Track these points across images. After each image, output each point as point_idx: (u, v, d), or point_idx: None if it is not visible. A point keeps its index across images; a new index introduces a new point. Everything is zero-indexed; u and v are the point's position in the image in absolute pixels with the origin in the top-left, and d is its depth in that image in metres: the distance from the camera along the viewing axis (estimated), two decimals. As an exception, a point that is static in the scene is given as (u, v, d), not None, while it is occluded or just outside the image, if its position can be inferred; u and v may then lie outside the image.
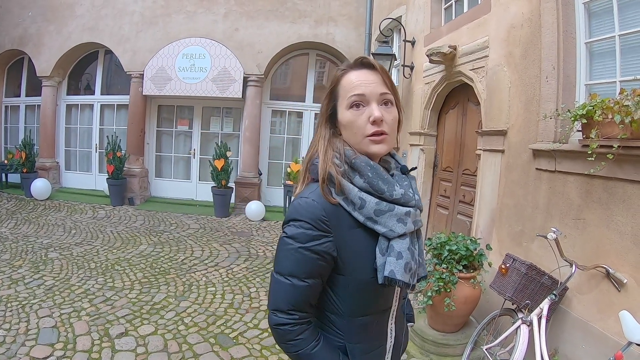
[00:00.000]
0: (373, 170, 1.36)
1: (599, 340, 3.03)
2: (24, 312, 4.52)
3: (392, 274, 1.31)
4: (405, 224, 1.36)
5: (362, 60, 1.41)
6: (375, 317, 1.45)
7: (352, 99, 1.36)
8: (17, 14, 11.34)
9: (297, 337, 1.35)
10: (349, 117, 1.37)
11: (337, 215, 1.34)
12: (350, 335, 1.43)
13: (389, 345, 1.53)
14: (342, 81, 1.40)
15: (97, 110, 11.58)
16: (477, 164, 5.09)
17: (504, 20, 4.55)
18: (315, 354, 1.36)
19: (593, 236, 3.22)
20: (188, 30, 10.51)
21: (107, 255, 6.61)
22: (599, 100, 2.96)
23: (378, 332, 1.49)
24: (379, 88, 1.37)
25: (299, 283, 1.33)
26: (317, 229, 1.32)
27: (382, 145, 1.37)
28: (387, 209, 1.35)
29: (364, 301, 1.40)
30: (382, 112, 1.35)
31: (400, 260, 1.32)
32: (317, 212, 1.33)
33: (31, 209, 9.72)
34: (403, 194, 1.38)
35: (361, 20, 10.12)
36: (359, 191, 1.34)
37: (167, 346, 4.03)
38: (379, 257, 1.34)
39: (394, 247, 1.34)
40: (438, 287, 3.86)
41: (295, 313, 1.35)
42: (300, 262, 1.33)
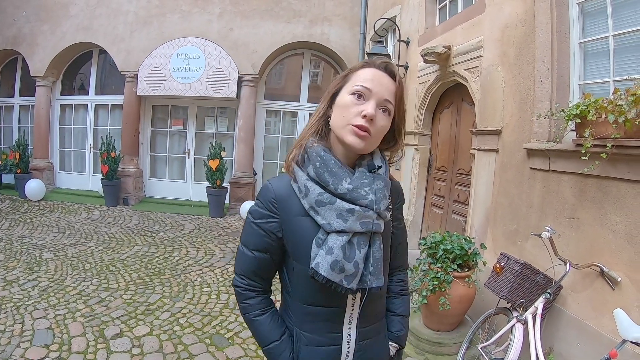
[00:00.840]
0: (322, 161, 1.39)
1: (593, 338, 3.04)
2: (18, 314, 4.50)
3: (317, 266, 1.33)
4: (345, 220, 1.35)
5: (387, 65, 1.44)
6: (324, 312, 1.46)
7: (358, 88, 1.38)
8: (11, 14, 11.28)
9: (244, 301, 1.52)
10: (347, 101, 1.39)
11: (288, 200, 1.43)
12: (298, 320, 1.50)
13: (345, 350, 1.50)
14: (359, 71, 1.43)
15: (91, 111, 11.54)
16: (471, 164, 5.10)
17: (498, 20, 4.56)
18: (257, 322, 1.50)
19: (587, 235, 3.24)
20: (183, 30, 10.50)
21: (101, 256, 6.60)
22: (592, 100, 2.97)
23: (329, 330, 1.48)
24: (386, 94, 1.40)
25: (247, 253, 1.49)
26: (266, 209, 1.45)
27: (360, 140, 1.37)
28: (327, 201, 1.36)
29: (306, 289, 1.45)
30: (377, 114, 1.37)
31: (329, 256, 1.32)
32: (269, 195, 1.45)
33: (25, 209, 9.68)
34: (350, 190, 1.37)
35: (356, 20, 10.13)
36: (307, 179, 1.40)
37: (163, 347, 4.03)
38: (314, 248, 1.37)
39: (328, 241, 1.35)
40: (433, 286, 3.87)
41: (245, 279, 1.52)
42: (250, 235, 1.48)
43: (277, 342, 1.48)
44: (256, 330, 1.51)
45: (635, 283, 2.83)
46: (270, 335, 1.49)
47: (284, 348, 1.48)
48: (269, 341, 1.49)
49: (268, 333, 1.49)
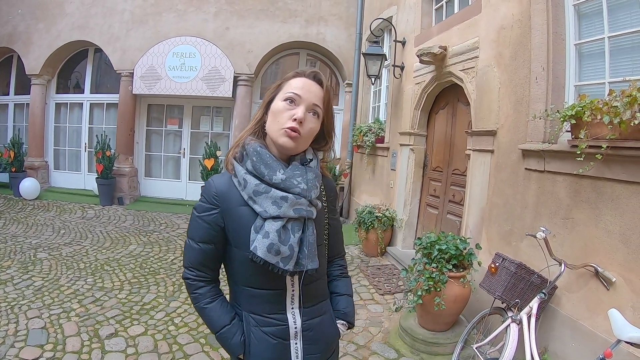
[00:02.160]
0: (258, 155, 1.54)
1: (588, 338, 3.06)
2: (12, 313, 4.48)
3: (255, 249, 1.47)
4: (279, 207, 1.49)
5: (316, 74, 1.62)
6: (266, 294, 1.61)
7: (290, 95, 1.55)
8: (6, 12, 11.25)
9: (195, 291, 1.64)
10: (280, 107, 1.56)
11: (229, 193, 1.57)
12: (245, 303, 1.64)
13: (292, 330, 1.63)
14: (291, 80, 1.60)
15: (87, 109, 11.51)
16: (466, 164, 5.12)
17: (494, 21, 4.57)
18: (208, 309, 1.63)
19: (582, 235, 3.25)
20: (178, 29, 10.48)
21: (96, 256, 6.58)
22: (588, 101, 2.99)
23: (274, 311, 1.61)
24: (315, 99, 1.57)
25: (194, 245, 1.61)
26: (209, 203, 1.59)
27: (291, 141, 1.53)
28: (264, 190, 1.51)
29: (247, 273, 1.59)
30: (306, 117, 1.55)
31: (266, 239, 1.47)
32: (210, 189, 1.59)
33: (20, 208, 9.65)
34: (284, 179, 1.52)
35: (352, 20, 10.14)
36: (245, 173, 1.55)
37: (158, 347, 4.02)
38: (252, 233, 1.51)
39: (265, 226, 1.49)
40: (428, 286, 3.87)
41: (193, 270, 1.64)
42: (195, 228, 1.61)
43: (228, 326, 1.61)
44: (208, 317, 1.63)
45: (629, 283, 2.84)
46: (221, 320, 1.61)
47: (235, 331, 1.61)
48: (220, 326, 1.61)
49: (219, 318, 1.61)
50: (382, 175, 8.00)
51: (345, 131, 10.35)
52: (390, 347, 4.18)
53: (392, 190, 7.36)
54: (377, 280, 5.84)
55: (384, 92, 8.57)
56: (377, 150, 8.20)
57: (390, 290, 5.50)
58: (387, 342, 4.27)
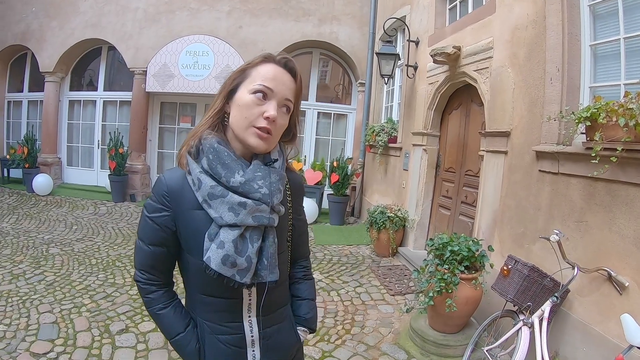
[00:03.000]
0: (215, 153, 1.38)
1: (599, 343, 3.03)
2: (24, 308, 4.53)
3: (208, 260, 1.34)
4: (237, 214, 1.34)
5: (288, 61, 1.45)
6: (221, 303, 1.48)
7: (259, 87, 1.37)
8: (20, 10, 11.36)
9: (147, 295, 1.51)
10: (248, 101, 1.38)
11: (181, 193, 1.41)
12: (199, 310, 1.51)
13: (249, 339, 1.52)
14: (259, 67, 1.41)
15: (100, 107, 11.60)
16: (479, 165, 5.08)
17: (508, 21, 4.53)
18: (161, 315, 1.50)
19: (595, 239, 3.21)
20: (191, 28, 10.52)
21: (108, 252, 6.63)
22: (603, 103, 2.95)
23: (229, 320, 1.50)
24: (287, 93, 1.42)
25: (144, 247, 1.46)
26: (159, 203, 1.43)
27: (263, 142, 1.39)
28: (220, 194, 1.35)
29: (200, 281, 1.45)
30: (278, 114, 1.39)
31: (221, 250, 1.33)
32: (161, 188, 1.43)
33: (33, 204, 9.74)
34: (243, 182, 1.37)
35: (365, 19, 10.11)
36: (200, 172, 1.38)
37: (168, 343, 4.01)
38: (206, 241, 1.36)
39: (220, 235, 1.34)
40: (439, 287, 3.85)
41: (144, 273, 1.49)
42: (145, 229, 1.46)
43: (182, 334, 1.49)
44: (161, 323, 1.51)
45: (643, 288, 2.81)
46: (174, 327, 1.49)
47: (190, 339, 1.49)
48: (174, 333, 1.49)
49: (172, 325, 1.50)
50: (394, 175, 7.97)
51: (358, 131, 10.34)
52: (401, 348, 4.16)
53: (404, 190, 7.34)
54: (388, 281, 5.82)
55: (397, 92, 8.54)
56: (389, 150, 8.17)
57: (401, 291, 5.48)
58: (397, 343, 4.25)
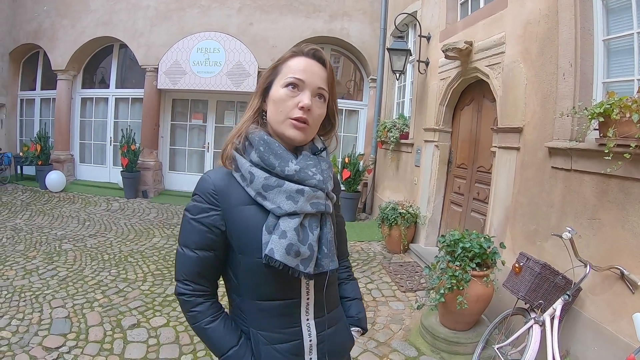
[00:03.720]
0: (266, 144, 1.36)
1: (611, 342, 2.99)
2: (37, 303, 4.58)
3: (271, 252, 1.28)
4: (295, 202, 1.31)
5: (316, 52, 1.43)
6: (280, 306, 1.40)
7: (291, 80, 1.36)
8: (32, 9, 11.50)
9: (192, 309, 1.39)
10: (282, 94, 1.37)
11: (229, 191, 1.36)
12: (252, 319, 1.41)
13: (307, 344, 1.43)
14: (289, 61, 1.41)
15: (112, 104, 11.69)
16: (491, 161, 5.05)
17: (520, 16, 4.49)
18: (210, 329, 1.38)
19: (608, 237, 3.17)
20: (202, 25, 10.55)
21: (120, 247, 6.68)
22: (616, 99, 2.91)
23: (288, 325, 1.41)
24: (319, 81, 1.39)
25: (190, 253, 1.37)
26: (206, 202, 1.36)
27: (300, 132, 1.36)
28: (275, 184, 1.33)
29: (258, 283, 1.38)
30: (313, 103, 1.37)
31: (283, 239, 1.28)
32: (207, 186, 1.37)
33: (46, 200, 9.84)
34: (298, 170, 1.34)
35: (376, 15, 10.07)
36: (250, 166, 1.35)
37: (179, 338, 4.06)
38: (264, 234, 1.31)
39: (280, 225, 1.30)
40: (451, 284, 3.83)
41: (190, 284, 1.39)
42: (191, 233, 1.38)
43: (236, 348, 1.38)
44: (210, 339, 1.40)
45: (657, 286, 2.78)
46: (226, 341, 1.38)
47: (244, 352, 1.39)
48: (226, 348, 1.38)
49: (224, 339, 1.39)
50: (405, 171, 7.95)
51: (370, 127, 10.32)
52: (411, 345, 4.15)
53: (415, 186, 7.31)
54: (399, 277, 5.81)
55: (409, 87, 8.51)
56: (401, 146, 8.14)
57: (412, 288, 5.46)
58: (408, 339, 4.24)
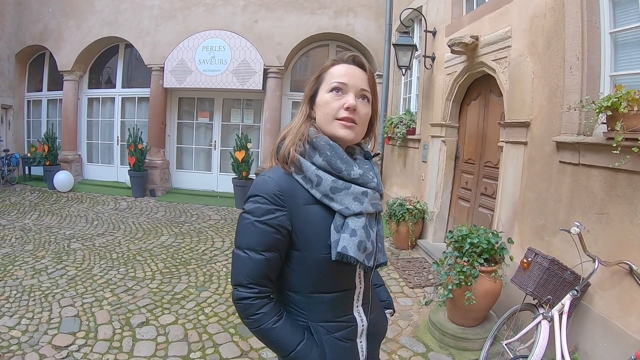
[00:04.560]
0: (332, 149, 1.41)
1: (620, 338, 2.98)
2: (46, 302, 4.61)
3: (345, 250, 1.35)
4: (361, 203, 1.41)
5: (355, 57, 1.50)
6: (336, 297, 1.48)
7: (335, 84, 1.44)
8: (37, 10, 11.57)
9: (258, 312, 1.39)
10: (327, 98, 1.45)
11: (293, 192, 1.40)
12: (311, 313, 1.47)
13: (360, 328, 1.55)
14: (331, 69, 1.49)
15: (118, 103, 11.75)
16: (499, 156, 5.02)
17: (526, 9, 4.46)
18: (277, 328, 1.40)
19: (616, 231, 3.15)
20: (207, 23, 10.56)
21: (128, 246, 6.71)
22: (624, 92, 2.88)
23: (343, 313, 1.50)
24: (361, 84, 1.47)
25: (256, 256, 1.37)
26: (272, 203, 1.37)
27: (350, 131, 1.44)
28: (343, 187, 1.40)
29: (320, 278, 1.44)
30: (358, 104, 1.44)
31: (354, 237, 1.36)
32: (271, 187, 1.38)
33: (54, 200, 9.91)
34: (361, 174, 1.44)
35: (381, 10, 10.01)
36: (316, 169, 1.40)
37: (188, 336, 4.08)
38: (333, 233, 1.38)
39: (349, 224, 1.38)
40: (459, 280, 3.82)
41: (255, 287, 1.39)
42: (256, 235, 1.38)
43: (304, 342, 1.42)
44: (278, 338, 1.41)
45: (666, 281, 2.76)
46: (294, 337, 1.41)
47: (312, 344, 1.43)
48: (295, 344, 1.41)
49: (292, 336, 1.41)
50: (413, 167, 7.93)
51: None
52: (419, 341, 4.14)
53: (423, 182, 7.29)
54: (407, 274, 5.80)
55: (415, 83, 8.47)
56: (408, 142, 8.11)
57: (420, 284, 5.45)
58: (416, 336, 4.24)
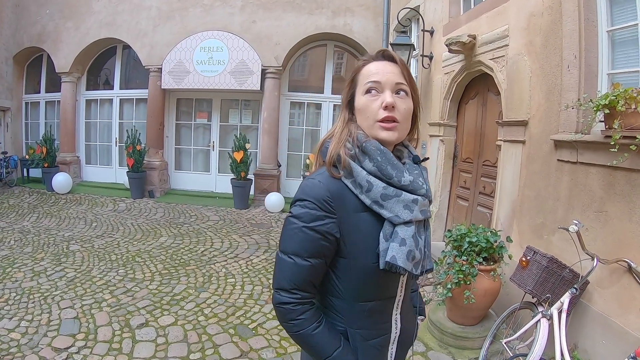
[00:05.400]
0: (383, 154, 1.36)
1: (619, 335, 2.98)
2: (46, 304, 4.60)
3: (394, 259, 1.31)
4: (412, 211, 1.36)
5: (384, 52, 1.45)
6: (378, 305, 1.45)
7: (368, 85, 1.39)
8: (35, 12, 11.55)
9: (298, 317, 1.37)
10: (364, 102, 1.39)
11: (343, 197, 1.35)
12: (351, 320, 1.45)
13: (393, 335, 1.53)
14: (362, 70, 1.43)
15: (117, 105, 11.74)
16: (497, 155, 5.03)
17: (524, 8, 4.47)
18: (317, 334, 1.38)
19: (615, 229, 3.16)
20: (205, 24, 10.55)
21: (127, 247, 6.70)
22: (621, 90, 2.89)
23: (381, 321, 1.49)
24: (395, 78, 1.39)
25: (302, 262, 1.35)
26: (321, 209, 1.33)
27: (392, 132, 1.38)
28: (394, 194, 1.35)
29: (365, 286, 1.41)
30: (396, 100, 1.38)
31: (404, 247, 1.32)
32: (321, 192, 1.34)
33: (52, 202, 9.89)
34: (412, 181, 1.39)
35: (379, 10, 10.00)
36: (367, 174, 1.35)
37: (187, 337, 4.08)
38: (382, 242, 1.34)
39: (398, 233, 1.34)
40: (458, 279, 3.82)
41: (298, 292, 1.37)
42: (303, 241, 1.34)
43: (340, 349, 1.41)
44: (317, 343, 1.39)
45: (665, 278, 2.76)
46: (332, 344, 1.40)
47: (348, 350, 1.42)
48: (332, 350, 1.40)
49: (330, 342, 1.40)
50: (410, 166, 7.90)
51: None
52: (419, 340, 4.14)
53: (421, 182, 7.27)
54: (405, 273, 5.78)
55: (412, 82, 8.47)
56: (405, 141, 8.09)
57: (420, 283, 5.45)
58: (416, 335, 4.24)
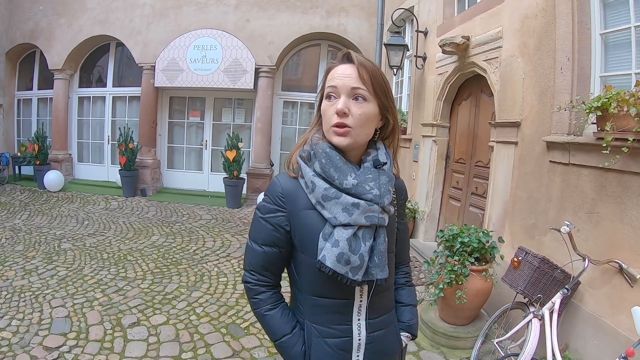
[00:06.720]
0: (327, 157, 1.42)
1: (610, 336, 3.00)
2: (37, 302, 4.58)
3: (324, 259, 1.37)
4: (350, 214, 1.38)
5: (347, 55, 1.45)
6: (333, 304, 1.49)
7: (327, 90, 1.44)
8: (28, 8, 11.47)
9: (255, 296, 1.54)
10: (324, 107, 1.45)
11: (295, 195, 1.47)
12: (308, 313, 1.53)
13: (355, 342, 1.52)
14: (329, 74, 1.46)
15: (109, 102, 11.68)
16: (490, 156, 5.05)
17: (517, 10, 4.49)
18: (269, 316, 1.52)
19: (606, 230, 3.18)
20: (199, 22, 10.51)
21: (119, 246, 6.68)
22: (614, 93, 2.91)
23: (339, 322, 1.50)
24: (351, 82, 1.39)
25: (257, 248, 1.52)
26: (274, 204, 1.48)
27: (344, 138, 1.41)
28: (333, 195, 1.40)
29: (315, 281, 1.47)
30: (351, 106, 1.39)
31: (335, 248, 1.36)
32: (276, 189, 1.49)
33: (44, 200, 9.83)
34: (355, 184, 1.40)
35: (373, 10, 10.02)
36: (313, 175, 1.43)
37: (179, 336, 4.07)
38: (320, 241, 1.41)
39: (334, 234, 1.38)
40: (450, 279, 3.84)
41: (254, 274, 1.54)
42: (258, 230, 1.51)
43: (289, 336, 1.50)
44: (267, 325, 1.53)
45: (655, 279, 2.78)
46: (281, 329, 1.51)
47: (296, 341, 1.50)
48: (280, 335, 1.51)
49: (279, 327, 1.51)
50: (404, 166, 7.92)
51: (367, 123, 10.30)
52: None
53: (414, 182, 7.31)
54: (397, 273, 5.79)
55: (406, 83, 8.49)
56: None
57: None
58: (407, 335, 4.25)
